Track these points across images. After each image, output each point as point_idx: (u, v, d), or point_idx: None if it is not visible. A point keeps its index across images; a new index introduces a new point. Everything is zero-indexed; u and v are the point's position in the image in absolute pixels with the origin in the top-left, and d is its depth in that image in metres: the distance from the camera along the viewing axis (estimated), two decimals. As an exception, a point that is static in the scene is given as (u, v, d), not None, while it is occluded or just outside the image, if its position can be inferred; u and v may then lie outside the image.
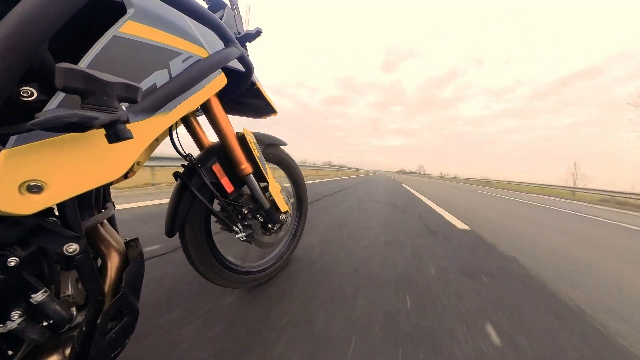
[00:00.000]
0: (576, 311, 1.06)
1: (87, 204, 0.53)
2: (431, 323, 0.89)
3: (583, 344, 0.84)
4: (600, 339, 0.89)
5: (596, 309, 1.10)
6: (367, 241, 1.80)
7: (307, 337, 0.77)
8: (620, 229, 3.66)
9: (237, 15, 0.95)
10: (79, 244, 0.41)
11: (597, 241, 2.56)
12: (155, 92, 0.47)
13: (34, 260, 0.41)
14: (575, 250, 2.11)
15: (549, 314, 1.01)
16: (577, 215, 4.77)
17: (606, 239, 2.76)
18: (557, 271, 1.53)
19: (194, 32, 0.58)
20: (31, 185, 0.34)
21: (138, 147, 0.46)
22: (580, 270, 1.61)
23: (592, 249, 2.22)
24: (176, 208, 0.76)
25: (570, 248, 2.16)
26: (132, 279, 0.52)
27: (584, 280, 1.44)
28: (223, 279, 0.88)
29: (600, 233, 3.09)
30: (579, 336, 0.89)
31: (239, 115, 1.21)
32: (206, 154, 0.82)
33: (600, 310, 1.09)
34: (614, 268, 1.72)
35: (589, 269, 1.65)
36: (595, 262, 1.83)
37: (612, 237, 2.89)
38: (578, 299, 1.18)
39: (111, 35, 0.41)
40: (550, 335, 0.88)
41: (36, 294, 0.38)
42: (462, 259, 1.58)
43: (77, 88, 0.28)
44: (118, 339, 0.49)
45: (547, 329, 0.91)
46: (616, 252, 2.16)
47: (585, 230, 3.13)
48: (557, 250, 2.03)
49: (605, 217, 4.95)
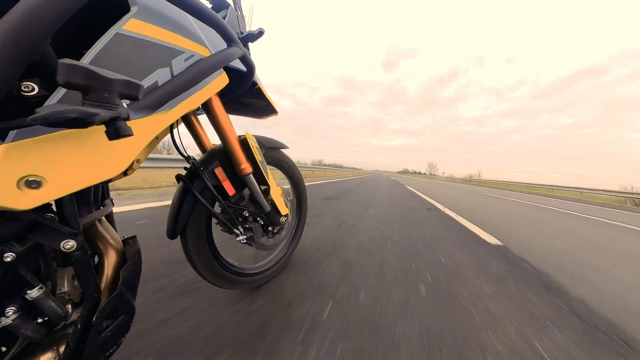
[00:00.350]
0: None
1: (86, 200, 0.52)
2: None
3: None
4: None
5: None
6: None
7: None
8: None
9: (240, 15, 0.95)
10: (76, 241, 0.41)
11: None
12: (157, 90, 0.47)
13: (30, 256, 0.40)
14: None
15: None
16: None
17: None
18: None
19: (197, 31, 0.58)
20: (30, 180, 0.34)
21: (138, 145, 0.45)
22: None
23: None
24: (178, 210, 0.75)
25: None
26: (129, 277, 0.52)
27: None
28: (224, 281, 0.88)
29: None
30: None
31: (240, 115, 1.21)
32: (209, 157, 0.82)
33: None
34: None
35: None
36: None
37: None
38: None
39: (114, 33, 0.41)
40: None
41: (32, 290, 0.38)
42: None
43: (78, 84, 0.28)
44: (113, 337, 0.49)
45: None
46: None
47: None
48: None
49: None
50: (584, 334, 0.91)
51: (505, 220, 3.29)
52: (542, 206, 6.14)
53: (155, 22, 0.48)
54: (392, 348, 0.76)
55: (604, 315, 1.06)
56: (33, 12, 0.28)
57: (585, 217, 4.71)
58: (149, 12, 0.46)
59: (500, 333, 0.87)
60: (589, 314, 1.06)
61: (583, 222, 3.97)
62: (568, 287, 1.32)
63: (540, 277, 1.41)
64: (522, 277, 1.40)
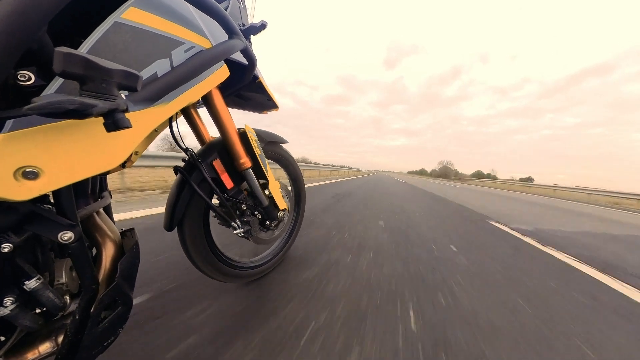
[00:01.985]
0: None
1: (83, 192, 0.52)
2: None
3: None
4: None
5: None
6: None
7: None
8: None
9: (243, 7, 0.93)
10: (73, 232, 0.41)
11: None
12: (156, 81, 0.46)
13: (28, 247, 0.40)
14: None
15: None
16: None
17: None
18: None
19: (197, 22, 0.57)
20: (27, 171, 0.33)
21: (136, 137, 0.45)
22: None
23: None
24: (175, 203, 0.75)
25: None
26: (127, 268, 0.52)
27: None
28: (220, 274, 0.89)
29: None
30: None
31: (241, 109, 1.20)
32: (207, 149, 0.81)
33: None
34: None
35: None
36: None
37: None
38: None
39: (113, 21, 0.40)
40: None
41: (29, 281, 0.38)
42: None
43: (76, 74, 0.27)
44: (111, 328, 0.49)
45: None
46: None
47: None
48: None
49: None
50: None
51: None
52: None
53: (155, 12, 0.46)
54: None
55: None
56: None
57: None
58: (148, 1, 0.45)
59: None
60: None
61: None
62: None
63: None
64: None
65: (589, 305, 1.14)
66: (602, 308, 1.13)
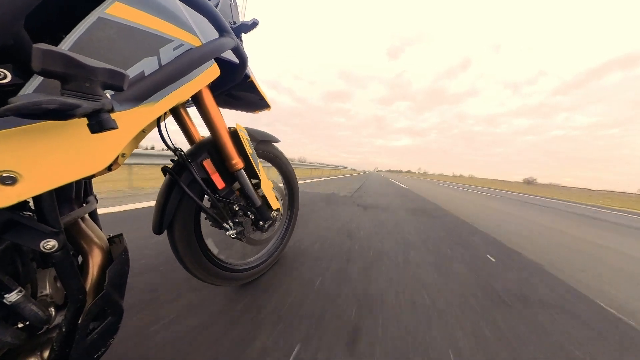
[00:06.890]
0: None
1: (67, 197, 0.49)
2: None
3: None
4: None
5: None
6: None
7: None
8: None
9: (234, 4, 0.91)
10: (57, 240, 0.39)
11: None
12: (143, 80, 0.44)
13: (7, 258, 0.38)
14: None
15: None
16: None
17: None
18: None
19: (187, 19, 0.55)
20: (3, 176, 0.31)
21: (123, 139, 0.43)
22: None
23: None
24: (165, 204, 0.73)
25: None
26: (116, 276, 0.50)
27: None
28: (214, 277, 0.87)
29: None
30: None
31: (232, 108, 1.18)
32: (197, 149, 0.79)
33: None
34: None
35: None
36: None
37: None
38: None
39: (96, 17, 0.38)
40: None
41: (10, 294, 0.36)
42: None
43: (56, 72, 0.25)
44: (101, 339, 0.47)
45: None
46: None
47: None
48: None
49: None
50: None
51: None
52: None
53: (141, 7, 0.44)
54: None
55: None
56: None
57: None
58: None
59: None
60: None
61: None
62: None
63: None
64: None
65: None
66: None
